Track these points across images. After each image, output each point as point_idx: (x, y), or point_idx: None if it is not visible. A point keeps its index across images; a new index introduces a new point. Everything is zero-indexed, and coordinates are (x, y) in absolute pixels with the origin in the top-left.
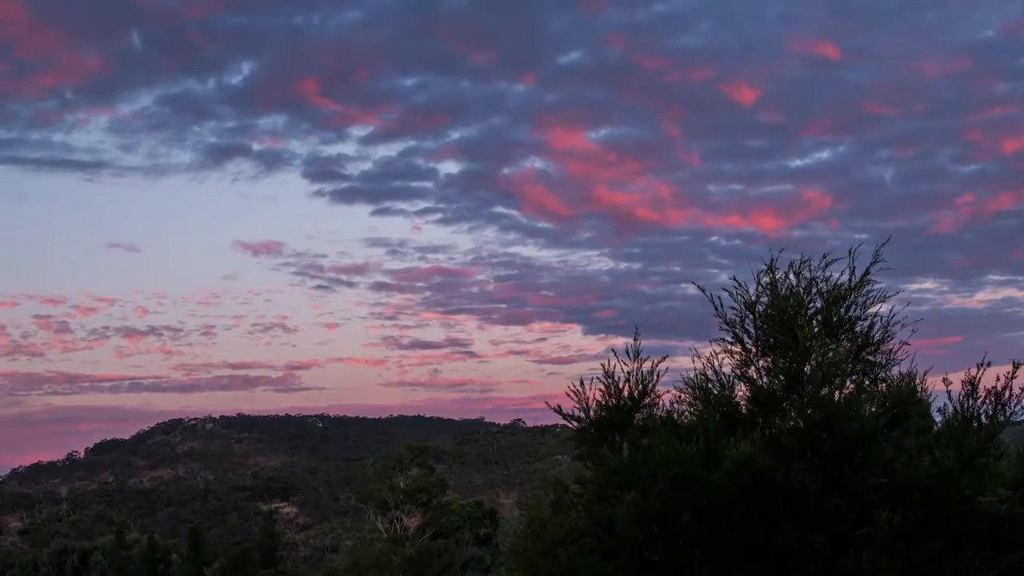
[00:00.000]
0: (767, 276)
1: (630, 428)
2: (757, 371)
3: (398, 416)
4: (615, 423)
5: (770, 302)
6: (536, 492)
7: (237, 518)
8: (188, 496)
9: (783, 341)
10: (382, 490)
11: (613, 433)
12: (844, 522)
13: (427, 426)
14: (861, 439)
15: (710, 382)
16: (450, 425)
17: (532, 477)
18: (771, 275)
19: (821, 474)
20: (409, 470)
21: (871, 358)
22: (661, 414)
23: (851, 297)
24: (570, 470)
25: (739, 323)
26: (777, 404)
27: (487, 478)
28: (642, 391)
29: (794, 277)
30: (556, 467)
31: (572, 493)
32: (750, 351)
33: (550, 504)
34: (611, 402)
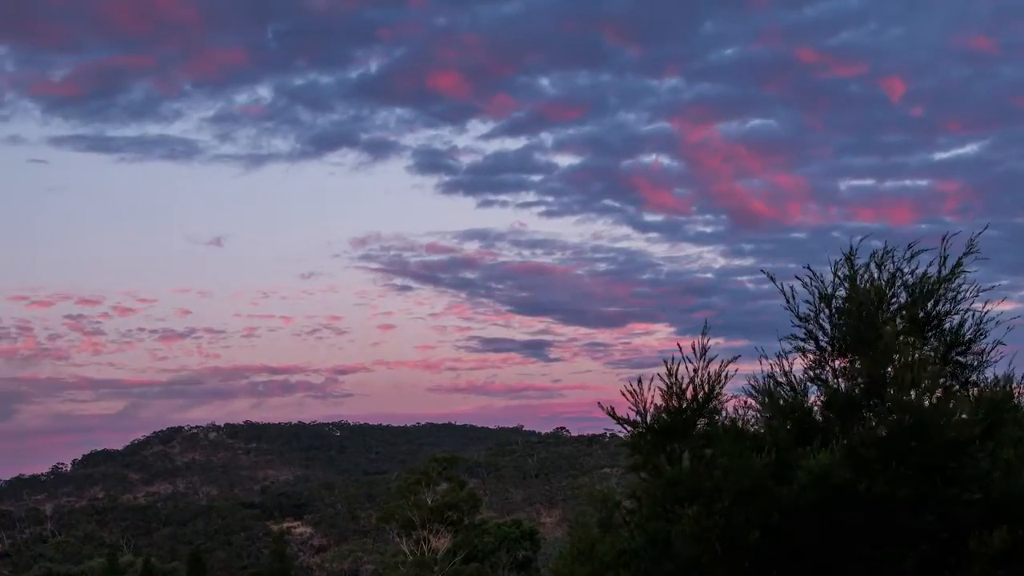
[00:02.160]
0: (845, 266)
1: (692, 435)
2: (832, 373)
3: (426, 424)
4: (675, 429)
5: (848, 295)
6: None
7: (244, 539)
8: (188, 514)
9: (862, 339)
10: (407, 507)
11: (673, 440)
12: (935, 542)
13: (458, 435)
14: (954, 449)
15: (779, 385)
16: (484, 434)
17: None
18: (850, 265)
19: (908, 488)
20: (437, 485)
21: (961, 359)
22: (726, 421)
23: (939, 290)
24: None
25: (813, 318)
26: (856, 410)
27: (526, 494)
28: (707, 394)
29: (876, 268)
30: (604, 481)
31: (624, 509)
32: (824, 350)
33: (599, 522)
34: (672, 405)
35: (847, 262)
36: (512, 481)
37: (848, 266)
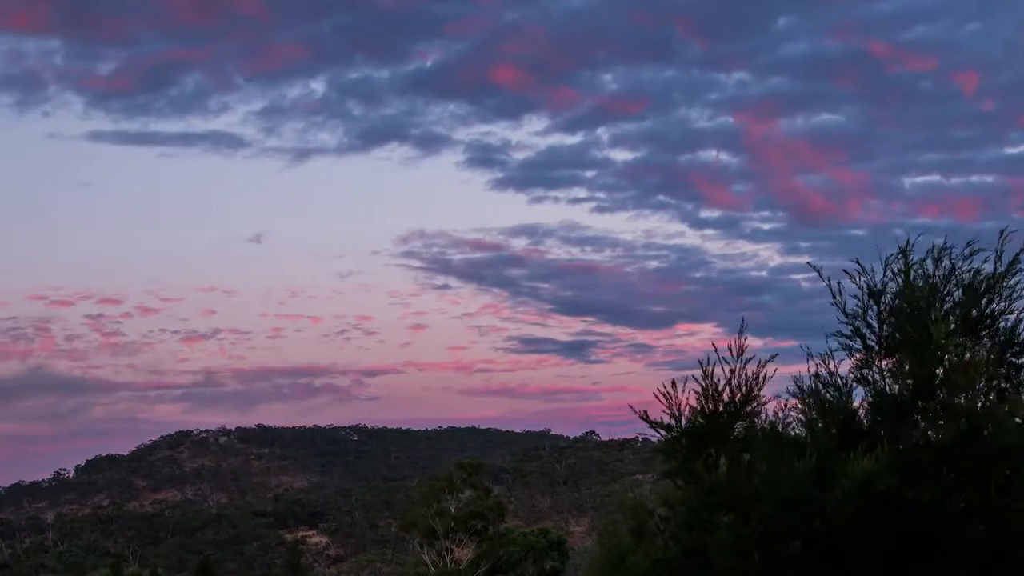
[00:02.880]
0: (899, 261)
1: (729, 440)
2: (880, 373)
3: (448, 428)
4: (712, 433)
5: (899, 291)
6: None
7: (256, 549)
8: (197, 522)
9: (912, 338)
10: (429, 516)
11: (709, 445)
12: (986, 553)
13: (482, 439)
14: (1008, 456)
15: (824, 386)
16: (509, 438)
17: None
18: (904, 259)
19: (959, 496)
20: (461, 492)
21: (1016, 360)
22: (765, 424)
23: (995, 288)
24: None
25: (860, 315)
26: (904, 413)
27: (553, 501)
28: (745, 396)
29: (932, 264)
30: (636, 488)
31: (658, 517)
32: (872, 349)
33: (630, 531)
34: (708, 408)
35: (901, 256)
36: (539, 488)
37: (903, 261)
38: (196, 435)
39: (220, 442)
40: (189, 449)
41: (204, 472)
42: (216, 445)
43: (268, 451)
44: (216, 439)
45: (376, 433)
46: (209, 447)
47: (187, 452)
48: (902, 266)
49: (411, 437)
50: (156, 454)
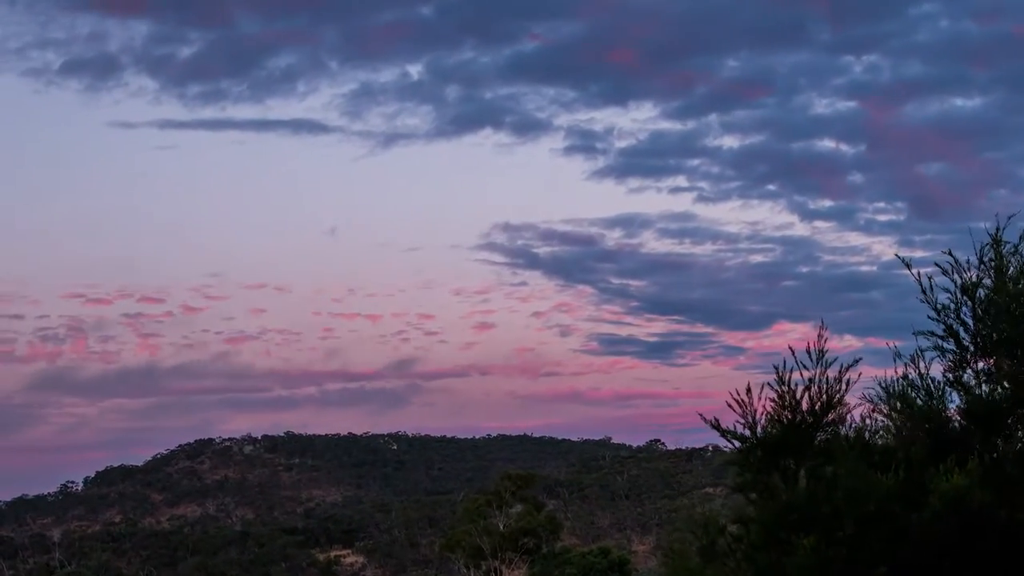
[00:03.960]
0: (993, 250)
1: (809, 451)
2: (976, 375)
3: (497, 436)
4: (790, 444)
5: (995, 285)
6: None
7: (285, 570)
8: (220, 541)
9: (1011, 336)
10: (475, 534)
11: (787, 457)
12: None
13: (535, 449)
14: None
15: (913, 389)
16: (565, 447)
17: (675, 516)
18: (996, 250)
19: None
20: (510, 507)
21: None
22: (850, 433)
23: None
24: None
25: (953, 311)
26: (1001, 420)
27: (614, 517)
28: (826, 403)
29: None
30: (706, 503)
31: (730, 536)
32: (967, 349)
33: (699, 551)
34: (785, 416)
35: (993, 246)
36: (598, 502)
37: (994, 251)
38: (218, 444)
39: (245, 451)
40: (211, 459)
41: (227, 485)
42: (240, 455)
43: (298, 461)
44: (240, 448)
45: (418, 442)
46: (233, 457)
47: (208, 462)
48: (993, 258)
49: (456, 446)
50: (174, 465)
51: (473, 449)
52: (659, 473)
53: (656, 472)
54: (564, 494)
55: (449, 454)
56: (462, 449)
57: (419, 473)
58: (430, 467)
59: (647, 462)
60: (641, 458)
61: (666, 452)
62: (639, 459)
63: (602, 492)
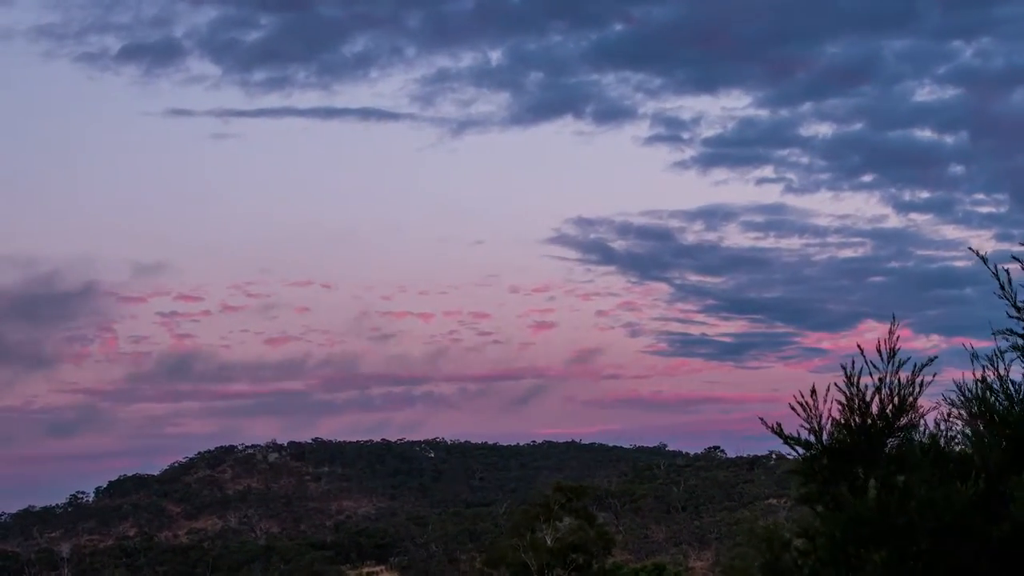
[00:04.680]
0: None
1: (880, 458)
2: None
3: (544, 443)
4: (859, 451)
5: None
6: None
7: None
8: (243, 556)
9: None
10: (521, 548)
11: (855, 465)
12: None
13: (585, 457)
14: None
15: (992, 393)
16: (617, 455)
17: (735, 529)
18: None
19: None
20: (558, 520)
21: None
22: (924, 439)
23: None
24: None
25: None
26: None
27: (670, 531)
28: (898, 407)
29: None
30: (770, 515)
31: (795, 551)
32: None
33: (762, 567)
34: (854, 421)
35: None
36: (653, 515)
37: None
38: (240, 451)
39: (270, 459)
40: (232, 468)
41: (250, 495)
42: (264, 463)
43: (327, 470)
44: (265, 456)
45: (457, 449)
46: (256, 465)
47: (230, 472)
48: None
49: (499, 454)
50: (193, 474)
51: (517, 457)
52: (718, 483)
53: (715, 482)
54: (616, 506)
55: (491, 462)
56: (505, 457)
57: (459, 483)
58: (471, 476)
59: (705, 471)
60: (699, 467)
61: (726, 460)
62: (697, 468)
63: (657, 504)
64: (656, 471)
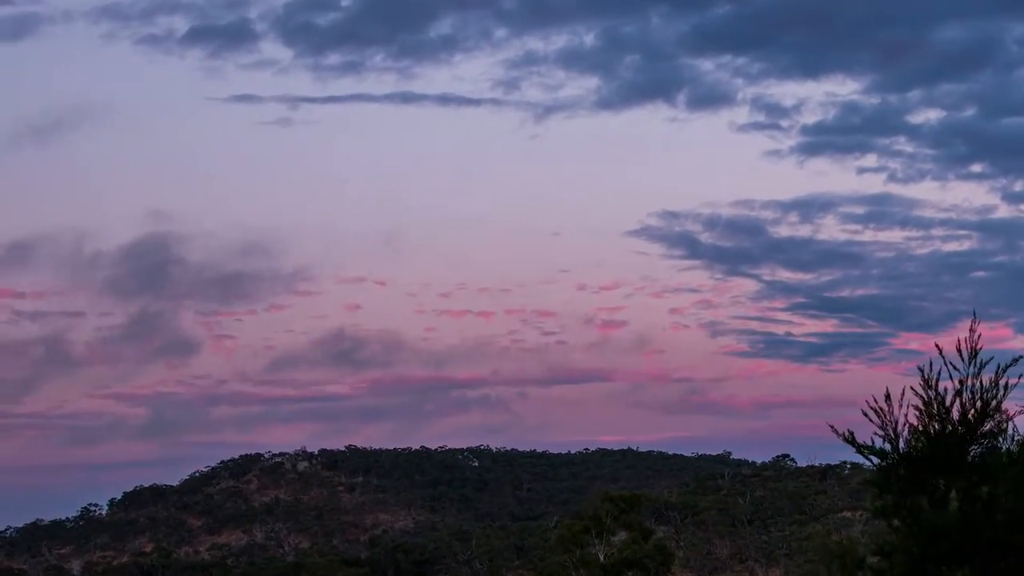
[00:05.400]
0: None
1: (962, 467)
2: None
3: (597, 451)
4: (938, 459)
5: None
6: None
7: None
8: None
9: None
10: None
11: (935, 475)
12: None
13: (642, 465)
14: None
15: None
16: (677, 464)
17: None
18: None
19: None
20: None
21: None
22: (1011, 446)
23: None
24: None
25: None
26: None
27: (735, 546)
28: (981, 411)
29: None
30: (843, 529)
31: (871, 568)
32: None
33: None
34: (932, 428)
35: None
36: (716, 528)
37: None
38: (267, 460)
39: (299, 468)
40: (259, 478)
41: (278, 508)
42: (293, 473)
43: (362, 480)
44: (293, 464)
45: (503, 457)
46: (285, 475)
47: (256, 482)
48: None
49: (548, 462)
50: (215, 484)
51: (568, 466)
52: (788, 494)
53: (784, 493)
54: (675, 519)
55: (540, 472)
56: (555, 466)
57: (505, 494)
58: (518, 487)
59: (773, 481)
60: (767, 476)
61: (796, 469)
62: (764, 477)
63: (720, 516)
64: (720, 481)
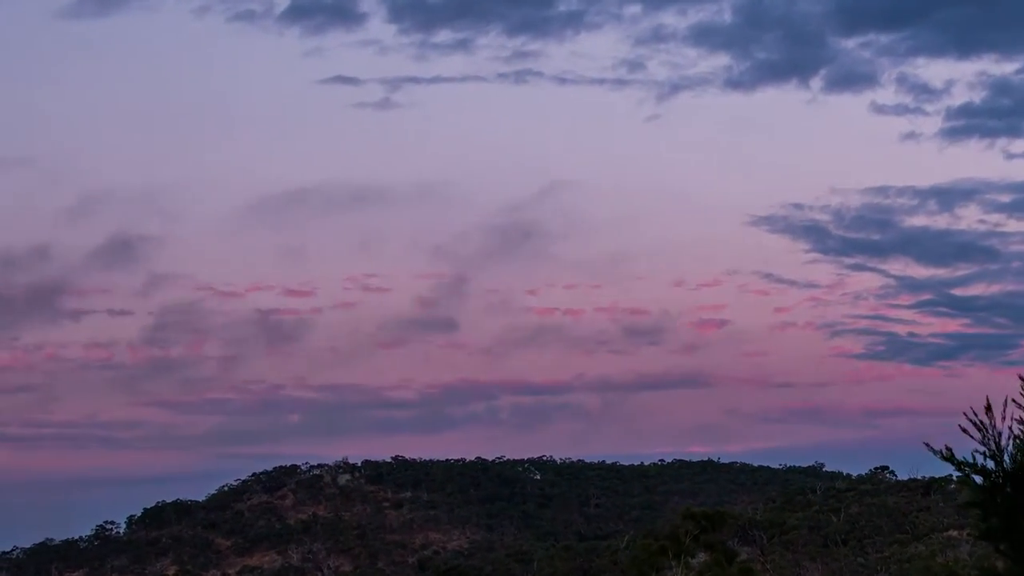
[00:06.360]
0: None
1: None
2: None
3: (674, 462)
4: None
5: None
6: None
7: None
8: None
9: None
10: None
11: None
12: None
13: (723, 478)
14: None
15: None
16: (763, 476)
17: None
18: None
19: None
20: (691, 555)
21: None
22: None
23: None
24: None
25: None
26: None
27: (828, 569)
28: None
29: None
30: (950, 550)
31: None
32: None
33: None
34: None
35: None
36: (807, 549)
37: None
38: (304, 472)
39: (339, 483)
40: (294, 492)
41: (317, 526)
42: (333, 487)
43: (410, 495)
44: (334, 478)
45: (569, 469)
46: (324, 490)
47: (291, 497)
48: None
49: (619, 475)
50: (246, 500)
51: (641, 479)
52: (887, 510)
53: (883, 509)
54: (761, 538)
55: (610, 485)
56: (626, 479)
57: (571, 509)
58: (585, 502)
59: (871, 496)
60: (863, 491)
61: (896, 483)
62: (860, 492)
63: (812, 536)
64: (811, 496)
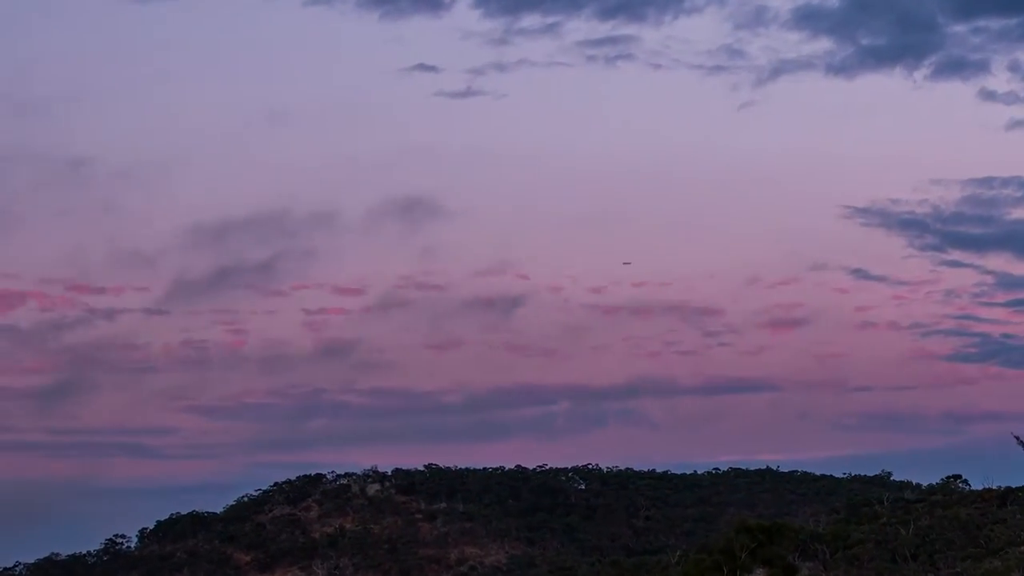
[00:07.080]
0: None
1: None
2: None
3: (729, 470)
4: None
5: None
6: None
7: None
8: None
9: None
10: None
11: None
12: None
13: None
14: None
15: None
16: (826, 487)
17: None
18: None
19: None
20: (748, 571)
21: None
22: None
23: None
24: None
25: None
26: None
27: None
28: None
29: None
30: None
31: None
32: None
33: None
34: None
35: None
36: (873, 565)
37: None
38: (331, 482)
39: (369, 493)
40: (320, 504)
41: (344, 540)
42: (362, 497)
43: (445, 507)
44: (362, 487)
45: (615, 478)
46: (351, 501)
47: (316, 509)
48: None
49: (669, 484)
50: (267, 511)
51: (694, 489)
52: (959, 523)
53: (955, 521)
54: (823, 553)
55: (660, 495)
56: (677, 488)
57: (617, 522)
58: (633, 514)
59: (943, 507)
60: (934, 502)
61: (969, 493)
62: (931, 503)
63: (878, 550)
64: (878, 508)
